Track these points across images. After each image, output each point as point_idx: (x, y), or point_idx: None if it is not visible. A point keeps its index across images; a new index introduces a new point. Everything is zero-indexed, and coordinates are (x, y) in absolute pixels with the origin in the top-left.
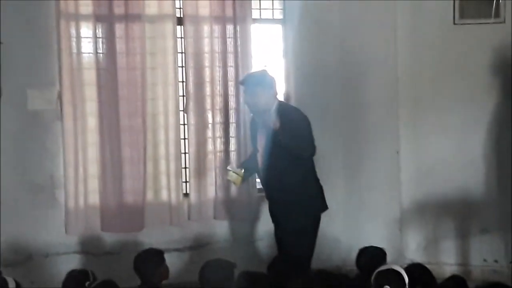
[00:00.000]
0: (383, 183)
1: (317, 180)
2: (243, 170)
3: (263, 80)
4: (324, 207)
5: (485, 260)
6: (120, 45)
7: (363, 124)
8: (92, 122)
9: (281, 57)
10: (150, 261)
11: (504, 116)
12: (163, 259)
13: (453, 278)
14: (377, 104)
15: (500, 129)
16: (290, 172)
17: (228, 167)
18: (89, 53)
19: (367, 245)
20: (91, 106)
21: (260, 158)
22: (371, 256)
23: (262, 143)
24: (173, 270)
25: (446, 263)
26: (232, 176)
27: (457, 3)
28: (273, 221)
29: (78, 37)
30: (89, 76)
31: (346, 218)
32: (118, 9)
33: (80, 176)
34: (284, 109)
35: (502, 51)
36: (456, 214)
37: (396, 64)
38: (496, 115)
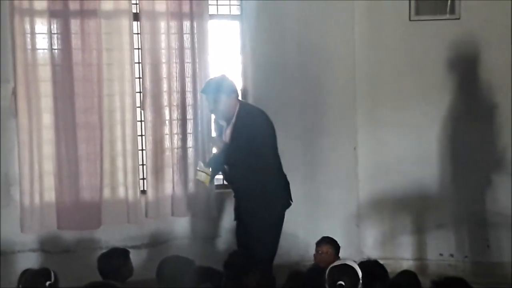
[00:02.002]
0: (341, 179)
1: (284, 176)
2: (210, 169)
3: (223, 86)
4: (289, 203)
5: (441, 255)
6: (75, 41)
7: (321, 120)
8: (47, 118)
9: (239, 53)
10: (115, 260)
11: (458, 112)
12: (128, 259)
13: (404, 273)
14: (335, 100)
15: (454, 125)
16: (255, 170)
17: (198, 167)
18: (44, 49)
19: None
20: (46, 103)
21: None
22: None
23: (228, 152)
24: None
25: (403, 258)
26: (202, 176)
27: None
28: (237, 218)
29: (33, 33)
30: (44, 72)
31: (304, 214)
32: (73, 5)
33: (35, 173)
34: (245, 116)
35: (457, 47)
36: (412, 209)
37: (354, 61)
38: (451, 110)
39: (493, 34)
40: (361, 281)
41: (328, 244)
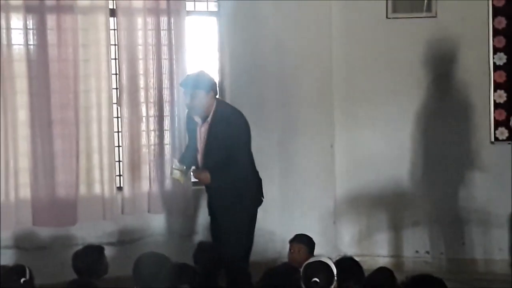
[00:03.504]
0: (317, 176)
1: (256, 173)
2: (185, 167)
3: (202, 81)
4: (261, 200)
5: (417, 252)
6: (51, 37)
7: (298, 118)
8: (23, 114)
9: (216, 50)
10: (90, 257)
11: (433, 110)
12: (103, 256)
13: (380, 270)
14: (312, 98)
15: (430, 122)
16: (227, 168)
17: (173, 166)
18: (19, 44)
19: None
20: (22, 99)
21: (200, 156)
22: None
23: (201, 141)
24: None
25: (379, 255)
26: (176, 174)
27: None
28: (210, 214)
29: (8, 29)
30: (20, 68)
31: (281, 211)
32: (50, 0)
33: (10, 170)
34: (222, 115)
35: (433, 45)
36: (389, 206)
37: (331, 58)
38: (426, 108)
39: (470, 32)
40: (336, 278)
41: (301, 242)
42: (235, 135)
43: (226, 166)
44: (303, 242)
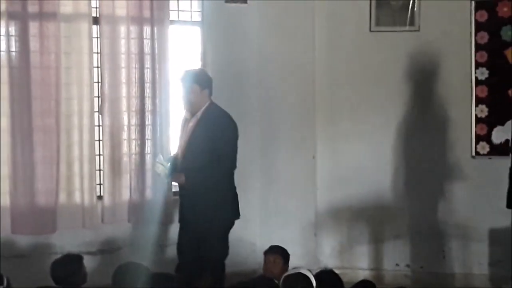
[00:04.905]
0: (299, 187)
1: (234, 187)
2: (169, 164)
3: (199, 76)
4: (237, 215)
5: (397, 265)
6: (34, 44)
7: (280, 129)
8: (3, 121)
9: (200, 59)
10: (68, 267)
11: (415, 123)
12: (82, 265)
13: (363, 283)
14: (294, 109)
15: (411, 135)
16: (205, 177)
17: (157, 160)
18: (1, 51)
19: None
20: (3, 105)
21: (180, 151)
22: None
23: (186, 136)
24: None
25: (360, 268)
26: (159, 167)
27: (373, 10)
28: (180, 221)
29: None
30: (1, 74)
31: (262, 222)
32: (32, 7)
33: None
34: (212, 114)
35: (416, 59)
36: (370, 219)
37: (314, 70)
38: (408, 121)
39: (452, 46)
40: None
41: (275, 253)
42: (221, 136)
43: (206, 168)
44: (278, 252)
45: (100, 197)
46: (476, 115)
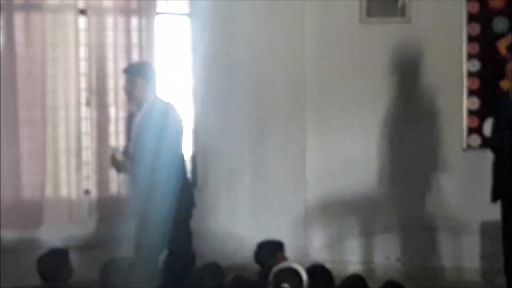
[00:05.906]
0: (288, 180)
1: (186, 178)
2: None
3: (144, 70)
4: (192, 205)
5: (387, 258)
6: (19, 35)
7: (269, 121)
8: None
9: (189, 51)
10: (54, 261)
11: (406, 115)
12: (68, 259)
13: (353, 277)
14: (284, 101)
15: (401, 128)
16: (157, 168)
17: (115, 153)
18: None
19: None
20: None
21: (131, 145)
22: (269, 250)
23: (133, 137)
24: None
25: (350, 261)
26: (119, 162)
27: (363, 2)
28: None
29: None
30: None
31: (251, 215)
32: None
33: None
34: (157, 106)
35: (407, 50)
36: (360, 212)
37: (304, 62)
38: (399, 113)
39: (443, 38)
40: (305, 284)
41: None
42: (169, 126)
43: (155, 161)
44: None
45: (87, 191)
46: (467, 107)
